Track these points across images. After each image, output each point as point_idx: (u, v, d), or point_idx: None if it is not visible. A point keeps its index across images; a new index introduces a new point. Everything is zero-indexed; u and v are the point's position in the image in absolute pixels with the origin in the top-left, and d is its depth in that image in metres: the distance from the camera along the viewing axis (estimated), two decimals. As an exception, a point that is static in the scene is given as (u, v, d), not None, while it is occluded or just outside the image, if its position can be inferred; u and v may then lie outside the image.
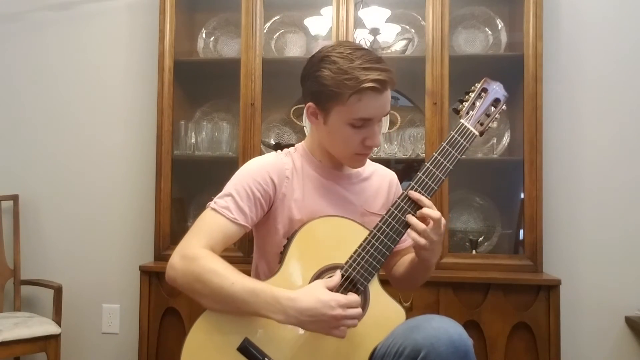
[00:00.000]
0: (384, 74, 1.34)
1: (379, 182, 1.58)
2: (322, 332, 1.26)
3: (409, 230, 1.35)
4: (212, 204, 1.41)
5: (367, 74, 1.33)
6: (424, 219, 1.35)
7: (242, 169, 1.47)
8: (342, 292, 1.31)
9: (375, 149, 1.59)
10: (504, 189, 2.59)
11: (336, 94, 1.35)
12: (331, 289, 1.27)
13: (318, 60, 1.40)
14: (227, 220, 1.38)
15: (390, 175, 1.63)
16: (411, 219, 1.35)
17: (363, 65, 1.34)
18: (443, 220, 1.36)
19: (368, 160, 1.62)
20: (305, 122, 2.56)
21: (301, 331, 1.31)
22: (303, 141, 1.56)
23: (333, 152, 1.47)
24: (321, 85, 1.37)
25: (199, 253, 1.33)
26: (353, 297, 1.26)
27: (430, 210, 1.35)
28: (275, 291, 1.27)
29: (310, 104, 1.43)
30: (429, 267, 1.46)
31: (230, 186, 1.42)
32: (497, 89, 1.48)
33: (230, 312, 1.30)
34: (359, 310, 1.26)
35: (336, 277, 1.30)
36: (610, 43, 2.58)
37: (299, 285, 1.34)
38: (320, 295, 1.25)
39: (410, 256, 1.52)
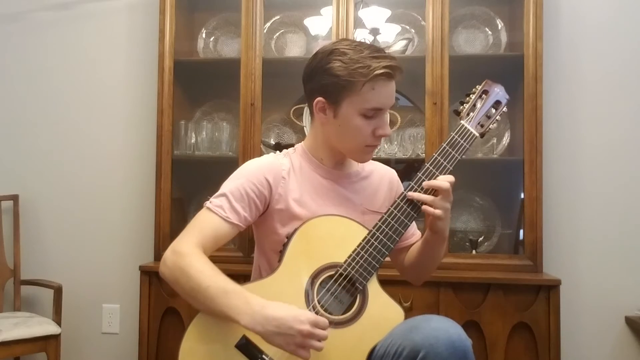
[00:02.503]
0: (393, 62, 1.38)
1: (378, 180, 1.59)
2: (286, 348, 1.23)
3: (424, 207, 1.36)
4: (207, 203, 1.43)
5: (378, 61, 1.36)
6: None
7: (238, 170, 1.49)
8: (340, 291, 1.32)
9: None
10: (504, 189, 2.59)
11: (350, 84, 1.37)
12: (314, 321, 1.22)
13: (326, 54, 1.41)
14: (219, 218, 1.39)
15: (390, 173, 1.64)
16: (418, 195, 1.36)
17: (372, 55, 1.38)
18: (450, 184, 1.37)
19: None
20: (306, 122, 2.56)
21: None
22: (302, 142, 1.57)
23: (342, 146, 1.47)
24: (333, 77, 1.39)
25: (188, 250, 1.35)
26: (323, 319, 1.24)
27: (434, 181, 1.36)
28: (249, 296, 1.27)
29: (319, 98, 1.43)
30: (444, 240, 1.47)
31: (226, 186, 1.44)
32: (498, 92, 1.49)
33: (206, 311, 1.31)
34: (326, 332, 1.23)
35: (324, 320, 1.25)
36: (610, 43, 2.58)
37: (297, 283, 1.34)
38: (292, 310, 1.24)
39: (418, 242, 1.54)
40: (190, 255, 1.33)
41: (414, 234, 1.61)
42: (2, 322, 2.42)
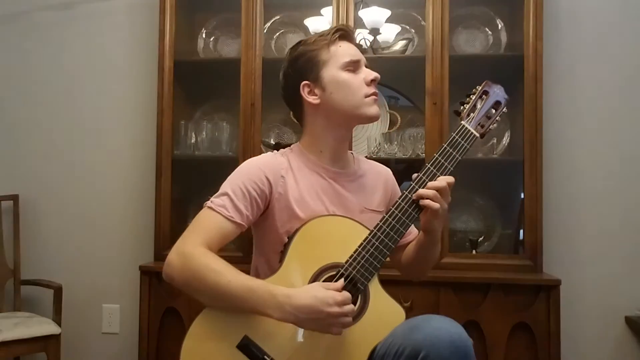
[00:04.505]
0: (340, 26, 1.53)
1: (375, 178, 1.60)
2: (318, 329, 1.27)
3: (422, 201, 1.36)
4: (208, 203, 1.42)
5: (329, 30, 1.52)
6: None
7: (238, 169, 1.49)
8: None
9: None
10: (504, 189, 2.59)
11: (317, 51, 1.48)
12: (341, 301, 1.26)
13: (288, 53, 1.55)
14: (223, 218, 1.39)
15: (386, 171, 1.65)
16: (420, 191, 1.36)
17: (321, 32, 1.54)
18: (450, 181, 1.38)
19: (363, 158, 1.65)
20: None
21: (300, 329, 1.31)
22: (299, 141, 1.57)
23: (346, 110, 1.48)
24: (304, 54, 1.50)
25: (195, 251, 1.34)
26: (346, 294, 1.27)
27: (434, 182, 1.37)
28: (272, 288, 1.28)
29: (303, 83, 1.49)
30: (437, 241, 1.49)
31: (227, 185, 1.44)
32: (498, 92, 1.49)
33: (228, 309, 1.31)
34: (352, 306, 1.28)
35: (338, 283, 1.30)
36: (610, 43, 2.58)
37: (298, 284, 1.34)
38: (317, 293, 1.25)
39: (413, 242, 1.56)
40: (201, 256, 1.33)
41: (411, 232, 1.61)
42: (2, 322, 2.42)
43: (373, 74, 1.49)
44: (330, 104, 1.47)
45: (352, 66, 1.48)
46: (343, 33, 1.50)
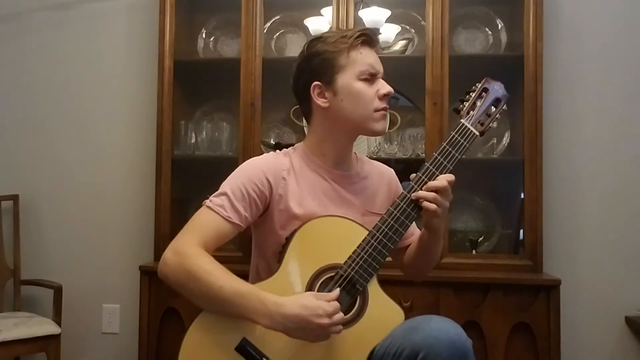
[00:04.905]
0: (366, 29, 1.48)
1: (378, 180, 1.59)
2: (307, 339, 1.26)
3: (423, 203, 1.35)
4: (207, 202, 1.42)
5: (352, 31, 1.45)
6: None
7: (238, 169, 1.48)
8: (340, 292, 1.31)
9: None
10: (504, 189, 2.59)
11: (337, 54, 1.43)
12: (331, 313, 1.25)
13: (306, 46, 1.50)
14: (221, 218, 1.38)
15: (389, 173, 1.64)
16: (419, 193, 1.35)
17: (345, 30, 1.48)
18: (450, 179, 1.36)
19: (366, 158, 1.64)
20: (305, 122, 2.55)
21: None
22: (302, 141, 1.56)
23: (353, 121, 1.46)
24: (320, 55, 1.45)
25: (191, 251, 1.33)
26: (335, 304, 1.26)
27: (434, 182, 1.36)
28: (263, 295, 1.27)
29: (314, 83, 1.46)
30: (439, 238, 1.48)
31: (226, 185, 1.43)
32: (497, 89, 1.48)
33: (219, 313, 1.31)
34: (342, 315, 1.26)
35: (333, 294, 1.29)
36: (611, 43, 2.57)
37: (297, 285, 1.34)
38: (307, 303, 1.25)
39: (415, 241, 1.55)
40: (196, 257, 1.32)
41: (413, 232, 1.61)
42: (2, 322, 2.42)
43: (387, 88, 1.45)
44: (338, 111, 1.45)
45: (369, 76, 1.45)
46: (367, 39, 1.45)
